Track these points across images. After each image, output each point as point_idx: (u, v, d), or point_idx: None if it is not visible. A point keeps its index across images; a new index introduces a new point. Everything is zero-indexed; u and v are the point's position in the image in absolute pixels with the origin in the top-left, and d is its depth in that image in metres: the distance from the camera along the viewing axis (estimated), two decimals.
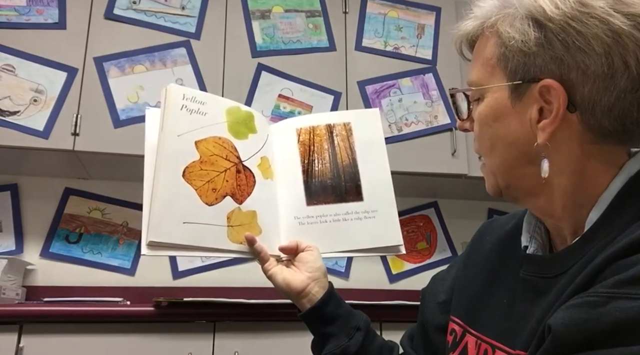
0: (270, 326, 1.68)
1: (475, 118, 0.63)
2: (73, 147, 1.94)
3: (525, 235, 0.67)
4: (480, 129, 0.63)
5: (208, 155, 0.84)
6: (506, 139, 0.60)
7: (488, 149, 0.63)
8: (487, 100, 0.61)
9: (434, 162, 2.25)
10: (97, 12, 2.10)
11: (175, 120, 0.84)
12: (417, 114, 2.31)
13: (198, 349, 1.62)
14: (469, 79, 0.64)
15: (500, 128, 0.60)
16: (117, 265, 2.20)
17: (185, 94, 0.86)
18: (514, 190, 0.63)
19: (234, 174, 0.86)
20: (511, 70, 0.58)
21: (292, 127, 0.95)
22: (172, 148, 0.83)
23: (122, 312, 1.67)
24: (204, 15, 2.21)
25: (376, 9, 2.42)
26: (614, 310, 0.43)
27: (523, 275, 0.63)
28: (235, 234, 0.84)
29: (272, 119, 2.16)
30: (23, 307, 1.75)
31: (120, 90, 2.04)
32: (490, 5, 0.61)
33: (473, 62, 0.64)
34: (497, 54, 0.59)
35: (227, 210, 0.84)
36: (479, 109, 0.63)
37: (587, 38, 0.53)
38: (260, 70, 2.21)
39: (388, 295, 2.17)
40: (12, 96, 1.94)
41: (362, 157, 0.94)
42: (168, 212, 0.79)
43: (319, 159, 0.93)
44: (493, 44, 0.60)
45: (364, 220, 0.90)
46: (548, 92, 0.56)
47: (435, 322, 0.78)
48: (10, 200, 2.17)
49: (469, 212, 2.61)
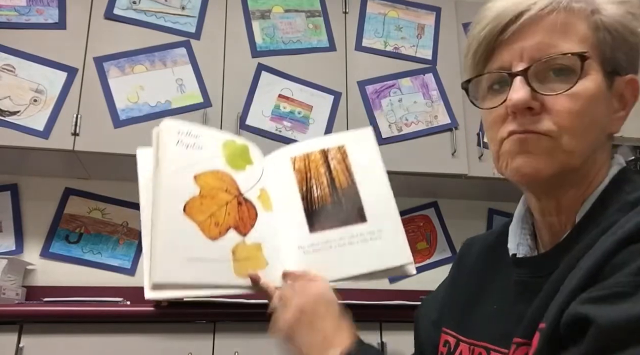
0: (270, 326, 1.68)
1: (577, 93, 0.57)
2: (73, 147, 1.94)
3: (513, 242, 0.67)
4: (583, 106, 0.57)
5: (208, 189, 0.82)
6: (600, 122, 0.59)
7: (583, 129, 0.58)
8: (592, 77, 0.58)
9: (434, 162, 2.25)
10: (97, 12, 2.10)
11: (171, 156, 0.81)
12: (417, 114, 2.31)
13: (198, 349, 1.62)
14: (568, 48, 0.58)
15: (600, 109, 0.59)
16: (117, 265, 2.20)
17: (180, 129, 0.84)
18: (573, 177, 0.60)
19: (235, 207, 0.84)
20: (605, 57, 0.59)
21: (286, 156, 0.93)
22: (170, 184, 0.80)
23: (122, 312, 1.67)
24: (204, 15, 2.21)
25: (376, 9, 2.42)
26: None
27: (517, 279, 0.63)
28: (241, 268, 0.81)
29: (272, 119, 2.17)
30: (23, 307, 1.75)
31: (120, 90, 2.04)
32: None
33: (552, 33, 0.59)
34: (593, 36, 0.58)
35: (231, 245, 0.81)
36: (584, 84, 0.58)
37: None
38: (260, 70, 2.21)
39: (388, 295, 2.17)
40: (12, 96, 1.94)
41: (361, 178, 0.92)
42: (171, 251, 0.76)
43: (317, 185, 0.91)
44: (586, 25, 0.59)
45: (370, 241, 0.87)
46: (628, 86, 0.60)
47: (431, 341, 0.78)
48: (10, 200, 2.17)
49: (469, 212, 2.61)
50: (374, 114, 2.26)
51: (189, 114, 2.08)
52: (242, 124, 2.11)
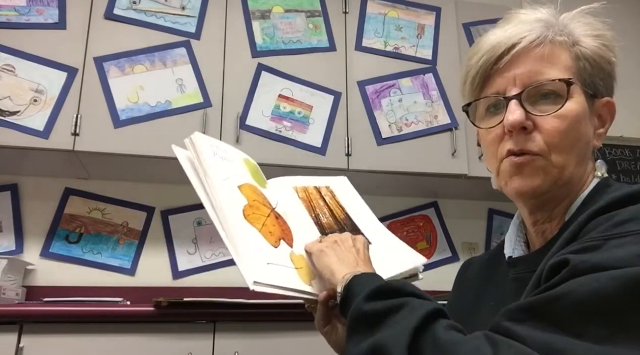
0: (270, 326, 1.68)
1: (564, 114, 0.66)
2: (73, 147, 1.94)
3: (508, 248, 0.75)
4: (570, 125, 0.66)
5: (252, 200, 0.83)
6: (584, 138, 0.68)
7: (569, 145, 0.66)
8: (576, 99, 0.67)
9: (434, 162, 2.25)
10: (97, 12, 2.10)
11: (214, 165, 0.82)
12: (417, 114, 2.31)
13: (198, 349, 1.62)
14: (554, 75, 0.67)
15: (583, 127, 0.67)
16: (117, 265, 2.20)
17: (211, 143, 0.86)
18: (565, 189, 0.68)
19: (274, 219, 0.85)
20: (586, 83, 0.68)
21: (289, 185, 0.97)
22: (224, 192, 0.80)
23: (122, 312, 1.67)
24: (204, 15, 2.21)
25: (376, 9, 2.42)
26: (612, 247, 0.51)
27: (513, 276, 0.70)
28: (303, 275, 0.81)
29: (272, 119, 2.17)
30: (23, 307, 1.75)
31: (120, 90, 2.04)
32: (565, 25, 0.70)
33: (540, 62, 0.68)
34: (575, 66, 0.68)
35: (288, 253, 0.82)
36: (569, 105, 0.66)
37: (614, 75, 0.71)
38: (260, 70, 2.21)
39: None
40: (12, 96, 1.94)
41: (351, 211, 0.98)
42: (252, 255, 0.76)
43: (322, 213, 0.96)
44: (567, 55, 0.68)
45: (385, 253, 0.90)
46: (604, 108, 0.70)
47: None
48: (10, 200, 2.17)
49: (469, 212, 2.61)
50: (374, 114, 2.26)
51: (189, 114, 2.07)
52: (242, 124, 2.11)
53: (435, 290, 2.29)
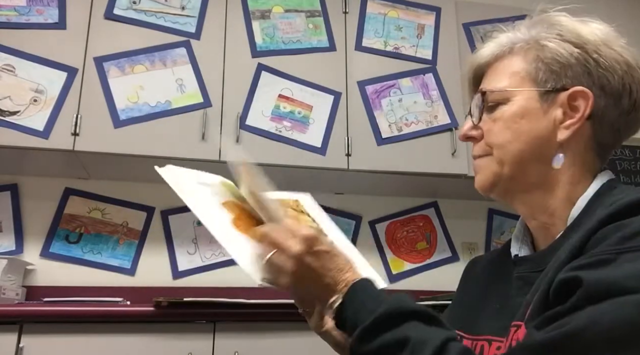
0: (270, 326, 1.68)
1: (497, 117, 0.72)
2: (73, 147, 1.94)
3: (515, 246, 0.76)
4: (504, 125, 0.71)
5: (237, 214, 0.86)
6: (529, 134, 0.69)
7: (507, 141, 0.71)
8: (514, 102, 0.71)
9: (434, 162, 2.25)
10: (97, 12, 2.10)
11: (196, 193, 0.86)
12: (417, 114, 2.31)
13: (198, 349, 1.62)
14: (493, 86, 0.73)
15: (525, 124, 0.70)
16: (117, 265, 2.20)
17: (183, 173, 0.89)
18: (516, 182, 0.71)
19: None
20: (541, 81, 0.70)
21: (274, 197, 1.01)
22: (211, 214, 0.83)
23: (122, 312, 1.67)
24: (204, 15, 2.21)
25: (376, 9, 2.42)
26: (625, 262, 0.51)
27: (518, 275, 0.70)
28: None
29: (272, 119, 2.16)
30: (23, 307, 1.75)
31: (120, 90, 2.04)
32: (521, 32, 0.73)
33: (493, 76, 0.75)
34: (526, 68, 0.71)
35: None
36: (502, 109, 0.72)
37: (612, 62, 0.68)
38: (260, 70, 2.21)
39: None
40: (12, 96, 1.94)
41: (324, 226, 0.99)
42: (250, 257, 0.79)
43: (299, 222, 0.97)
44: (520, 60, 0.72)
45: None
46: (575, 98, 0.68)
47: None
48: (10, 200, 2.17)
49: (469, 212, 2.61)
50: (373, 114, 2.26)
51: (189, 114, 2.07)
52: (242, 124, 2.11)
53: (435, 291, 2.30)
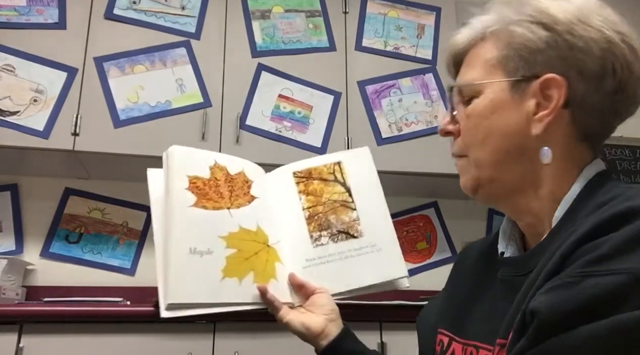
0: (270, 326, 1.68)
1: (469, 112, 0.67)
2: (73, 147, 1.94)
3: (502, 243, 0.71)
4: (476, 121, 0.66)
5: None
6: (502, 130, 0.64)
7: (480, 140, 0.66)
8: (485, 95, 0.65)
9: (434, 162, 2.25)
10: (97, 12, 2.10)
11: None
12: (417, 114, 2.31)
13: (198, 349, 1.62)
14: (463, 80, 0.68)
15: (497, 119, 0.64)
16: (117, 265, 2.20)
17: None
18: (496, 186, 0.66)
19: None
20: (512, 69, 0.64)
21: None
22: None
23: (122, 312, 1.67)
24: (204, 15, 2.21)
25: (376, 9, 2.42)
26: (587, 288, 0.47)
27: (500, 277, 0.67)
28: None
29: (272, 119, 2.17)
30: (23, 307, 1.75)
31: (120, 90, 2.04)
32: (491, 18, 0.67)
33: (467, 66, 0.69)
34: (497, 56, 0.65)
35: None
36: (474, 104, 0.66)
37: (588, 42, 0.60)
38: (260, 70, 2.21)
39: (388, 295, 2.17)
40: (12, 96, 1.94)
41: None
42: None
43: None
44: (492, 47, 0.66)
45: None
46: (548, 86, 0.61)
47: (430, 346, 0.79)
48: (10, 200, 2.17)
49: (469, 212, 2.61)
50: (374, 114, 2.26)
51: (189, 114, 2.07)
52: (242, 124, 2.11)
53: (435, 291, 2.29)
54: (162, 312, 0.78)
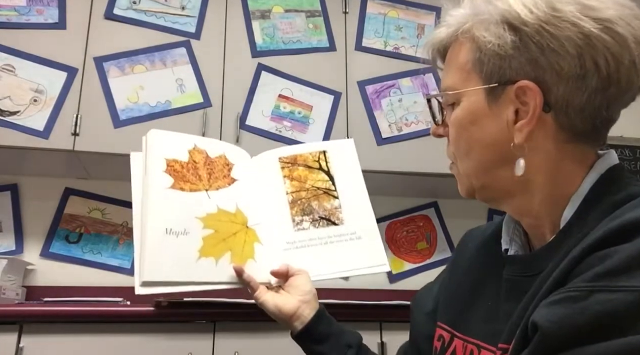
0: (270, 326, 1.68)
1: (451, 122, 0.65)
2: (73, 147, 1.94)
3: (505, 238, 0.69)
4: (457, 133, 0.65)
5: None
6: (483, 141, 0.62)
7: (464, 152, 0.65)
8: (463, 104, 0.63)
9: (434, 162, 2.24)
10: (97, 12, 2.10)
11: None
12: (417, 114, 2.31)
13: (198, 349, 1.62)
14: (444, 85, 0.65)
15: (476, 131, 0.62)
16: (117, 265, 2.19)
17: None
18: (490, 191, 0.65)
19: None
20: (486, 74, 0.60)
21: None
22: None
23: (122, 312, 1.67)
24: (204, 15, 2.21)
25: (376, 9, 2.42)
26: (595, 304, 0.44)
27: (506, 276, 0.64)
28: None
29: (272, 119, 2.17)
30: (23, 307, 1.75)
31: (120, 90, 2.04)
32: (463, 13, 0.63)
33: (446, 68, 0.66)
34: (472, 59, 0.61)
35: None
36: (454, 113, 0.64)
37: (561, 40, 0.55)
38: (260, 70, 2.21)
39: (388, 295, 2.17)
40: (12, 96, 1.94)
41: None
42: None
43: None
44: (467, 49, 0.62)
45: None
46: (524, 93, 0.57)
47: (424, 333, 0.78)
48: (10, 200, 2.17)
49: (469, 212, 2.60)
50: (374, 114, 2.26)
51: (189, 114, 2.07)
52: (242, 124, 2.11)
53: None
54: (137, 289, 0.80)
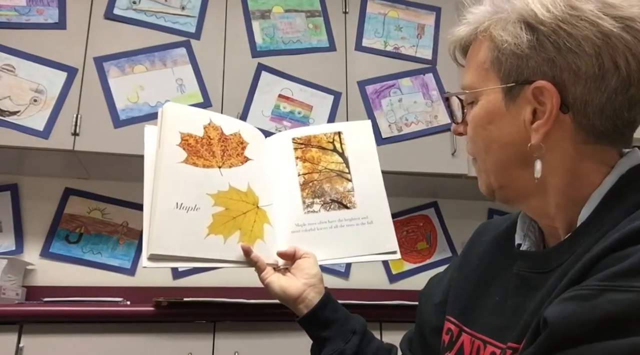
0: (270, 326, 1.68)
1: (470, 121, 0.65)
2: (73, 147, 1.94)
3: (519, 233, 0.68)
4: (475, 132, 0.64)
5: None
6: (500, 141, 0.61)
7: (482, 151, 0.64)
8: (481, 103, 0.63)
9: (434, 162, 2.25)
10: (97, 12, 2.10)
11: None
12: (417, 114, 2.31)
13: (198, 349, 1.62)
14: (463, 83, 0.66)
15: (494, 130, 0.62)
16: (117, 265, 2.20)
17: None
18: (508, 190, 0.65)
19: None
20: (504, 73, 0.60)
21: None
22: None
23: (122, 312, 1.67)
24: (204, 15, 2.21)
25: (376, 9, 2.42)
26: (606, 303, 0.44)
27: (517, 271, 0.64)
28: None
29: (272, 119, 2.16)
30: (23, 307, 1.75)
31: (120, 90, 2.04)
32: (482, 11, 0.63)
33: (466, 66, 0.66)
34: (490, 58, 0.61)
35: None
36: (473, 112, 0.64)
37: (578, 39, 0.54)
38: (260, 70, 2.21)
39: (388, 295, 2.17)
40: (12, 96, 1.94)
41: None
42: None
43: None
44: (486, 48, 0.61)
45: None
46: (541, 93, 0.57)
47: (431, 324, 0.78)
48: (10, 200, 2.17)
49: (469, 212, 2.61)
50: (374, 114, 2.26)
51: None
52: None
53: None
54: (144, 262, 0.79)
